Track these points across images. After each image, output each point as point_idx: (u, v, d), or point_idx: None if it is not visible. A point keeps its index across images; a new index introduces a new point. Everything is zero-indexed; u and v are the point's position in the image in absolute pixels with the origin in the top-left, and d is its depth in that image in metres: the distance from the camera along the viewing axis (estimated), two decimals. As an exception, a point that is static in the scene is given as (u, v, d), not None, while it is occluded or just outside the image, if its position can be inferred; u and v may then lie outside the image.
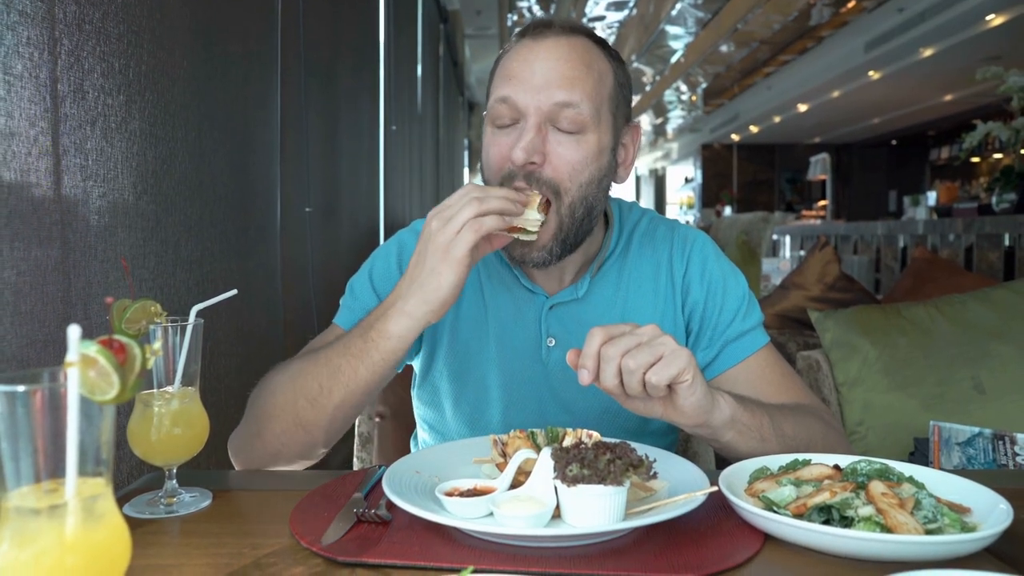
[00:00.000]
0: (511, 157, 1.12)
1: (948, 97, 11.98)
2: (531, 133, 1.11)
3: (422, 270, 1.03)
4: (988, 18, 7.90)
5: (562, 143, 1.13)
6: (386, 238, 1.48)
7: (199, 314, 0.99)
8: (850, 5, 8.94)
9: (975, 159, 13.28)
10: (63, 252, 1.03)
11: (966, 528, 0.83)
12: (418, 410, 1.38)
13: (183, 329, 0.97)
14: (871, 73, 10.52)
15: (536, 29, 1.16)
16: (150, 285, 1.27)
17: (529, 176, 1.12)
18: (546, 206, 1.10)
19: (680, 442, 1.65)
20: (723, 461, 1.09)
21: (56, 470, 0.57)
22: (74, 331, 0.54)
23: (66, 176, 1.04)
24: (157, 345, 0.57)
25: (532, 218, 1.07)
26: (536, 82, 1.12)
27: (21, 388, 0.55)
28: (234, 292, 1.04)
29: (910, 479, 0.93)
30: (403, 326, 1.03)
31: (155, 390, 0.97)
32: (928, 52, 9.14)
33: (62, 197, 1.03)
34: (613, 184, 1.24)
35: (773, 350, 1.28)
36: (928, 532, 0.81)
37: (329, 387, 1.06)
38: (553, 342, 1.25)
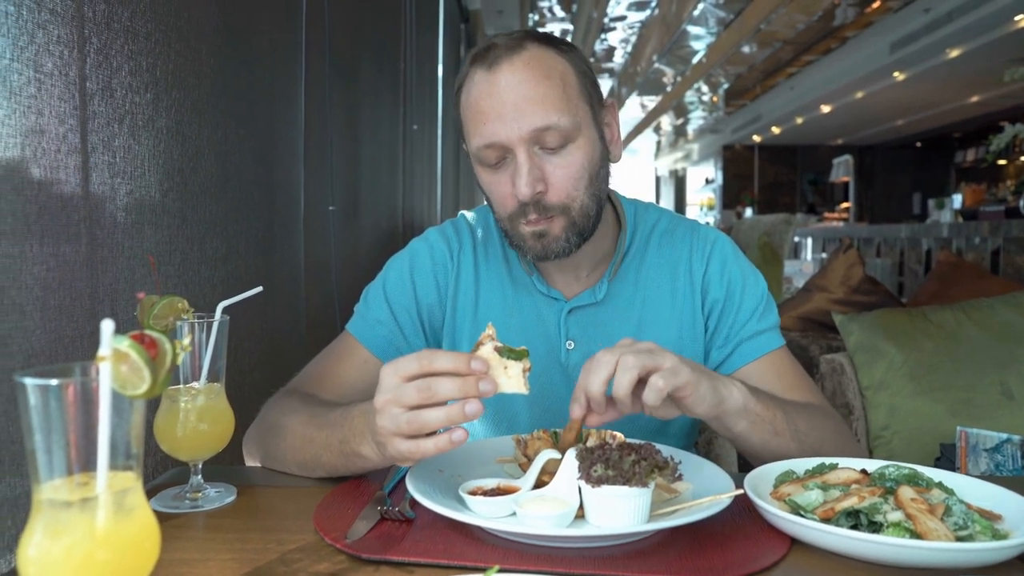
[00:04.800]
0: (516, 195, 1.12)
1: (975, 98, 11.83)
2: (525, 165, 1.11)
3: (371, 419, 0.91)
4: (1016, 19, 7.79)
5: (556, 163, 1.13)
6: (405, 238, 1.49)
7: (225, 311, 0.99)
8: (875, 5, 8.86)
9: (1002, 161, 13.10)
10: (90, 248, 1.04)
11: (997, 535, 0.82)
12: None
13: (209, 326, 0.97)
14: (896, 74, 10.42)
15: (486, 56, 1.14)
16: (175, 282, 1.28)
17: (538, 205, 1.13)
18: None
19: (703, 444, 1.64)
20: (746, 465, 1.08)
21: (88, 463, 0.57)
22: (107, 326, 0.55)
23: (94, 173, 1.05)
24: (187, 340, 0.57)
25: (515, 381, 0.88)
26: (509, 114, 1.10)
27: (54, 382, 0.55)
28: (259, 289, 1.05)
29: (939, 485, 0.91)
30: (373, 451, 0.94)
31: (181, 386, 0.98)
32: (954, 53, 9.03)
33: (90, 194, 1.04)
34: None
35: (788, 353, 1.27)
36: (958, 539, 0.80)
37: (313, 467, 1.05)
38: (572, 345, 1.25)
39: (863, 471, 0.94)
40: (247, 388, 1.56)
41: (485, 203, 1.39)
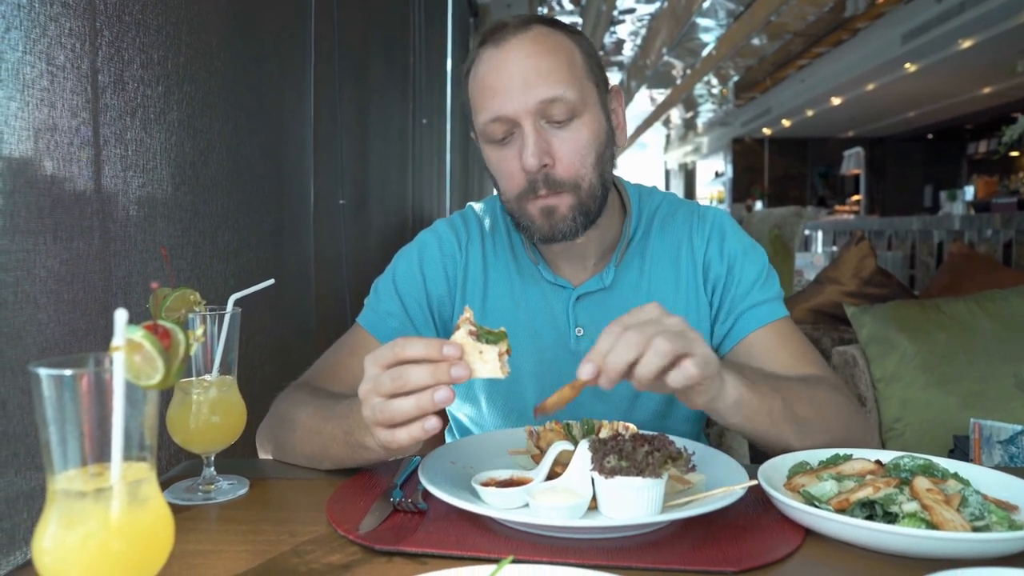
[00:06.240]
0: (524, 167, 1.13)
1: (987, 90, 11.72)
2: (532, 136, 1.12)
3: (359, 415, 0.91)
4: (1029, 8, 7.71)
5: (563, 137, 1.14)
6: (414, 232, 1.49)
7: (236, 303, 1.00)
8: (886, -4, 8.78)
9: (1014, 153, 13.01)
10: (103, 242, 1.04)
11: (1014, 526, 0.81)
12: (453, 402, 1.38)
13: (221, 318, 0.98)
14: (907, 65, 10.33)
15: (493, 35, 1.16)
16: (187, 275, 1.28)
17: (547, 179, 1.13)
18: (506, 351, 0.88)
19: (714, 436, 1.63)
20: (759, 456, 1.07)
21: (102, 454, 0.57)
22: (121, 315, 0.55)
23: (106, 166, 1.05)
24: (200, 331, 0.57)
25: (491, 366, 0.85)
26: (516, 87, 1.12)
27: (68, 372, 0.56)
28: (272, 281, 1.05)
29: (955, 475, 0.91)
30: (374, 442, 0.92)
31: (194, 378, 0.98)
32: (967, 44, 8.95)
33: (102, 188, 1.04)
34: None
35: (792, 324, 1.26)
36: (975, 529, 0.79)
37: (321, 459, 1.06)
38: (582, 332, 1.26)
39: (878, 462, 0.94)
40: (258, 382, 1.56)
41: (493, 194, 1.39)
